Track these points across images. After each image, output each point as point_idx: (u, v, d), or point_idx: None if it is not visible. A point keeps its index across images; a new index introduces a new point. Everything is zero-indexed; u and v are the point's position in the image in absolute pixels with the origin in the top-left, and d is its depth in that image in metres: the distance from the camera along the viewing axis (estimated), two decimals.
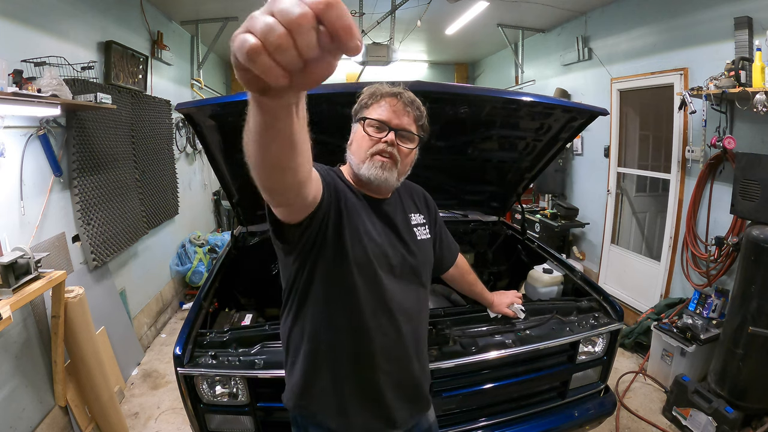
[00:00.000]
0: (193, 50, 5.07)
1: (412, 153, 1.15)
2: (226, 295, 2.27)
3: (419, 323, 1.21)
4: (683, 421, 2.45)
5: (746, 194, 2.53)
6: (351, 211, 1.07)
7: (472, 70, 7.81)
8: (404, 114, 1.12)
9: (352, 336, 1.09)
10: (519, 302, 1.71)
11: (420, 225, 1.25)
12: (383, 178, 1.10)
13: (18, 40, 2.18)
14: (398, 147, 1.11)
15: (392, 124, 1.11)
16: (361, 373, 1.11)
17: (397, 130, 1.11)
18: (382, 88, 1.14)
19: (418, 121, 1.14)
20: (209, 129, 1.79)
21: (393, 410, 1.15)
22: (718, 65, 2.76)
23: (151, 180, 3.66)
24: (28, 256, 1.87)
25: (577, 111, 2.03)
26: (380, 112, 1.11)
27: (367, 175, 1.11)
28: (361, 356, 1.10)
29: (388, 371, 1.12)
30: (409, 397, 1.19)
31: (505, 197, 2.76)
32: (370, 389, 1.12)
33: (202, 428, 1.53)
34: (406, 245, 1.18)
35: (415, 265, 1.18)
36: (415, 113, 1.13)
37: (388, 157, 1.10)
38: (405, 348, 1.15)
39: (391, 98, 1.12)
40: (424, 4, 3.89)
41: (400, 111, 1.11)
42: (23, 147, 2.18)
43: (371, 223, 1.11)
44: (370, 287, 1.08)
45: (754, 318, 2.23)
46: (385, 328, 1.11)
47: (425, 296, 1.24)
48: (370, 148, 1.10)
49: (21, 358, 2.08)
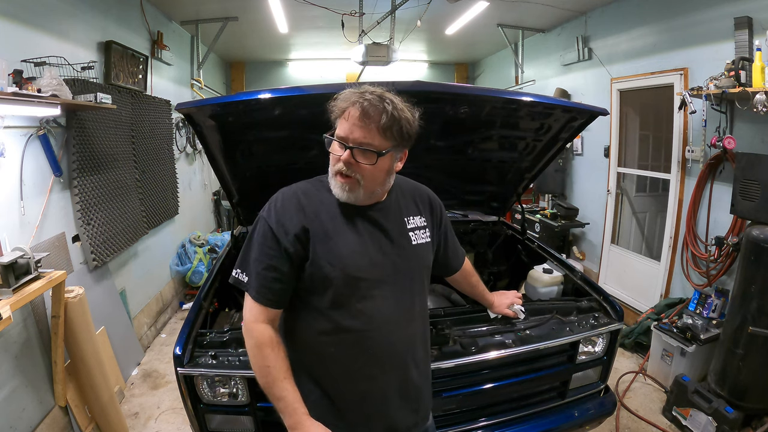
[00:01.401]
0: (193, 50, 5.08)
1: (376, 168, 1.05)
2: (226, 295, 2.27)
3: (414, 329, 1.19)
4: (683, 421, 2.45)
5: (746, 194, 2.53)
6: (324, 236, 1.08)
7: (472, 70, 7.81)
8: (361, 126, 1.01)
9: (337, 348, 1.10)
10: (519, 303, 1.71)
11: (419, 228, 1.22)
12: (350, 198, 1.09)
13: (18, 40, 2.18)
14: (357, 165, 1.04)
15: (349, 141, 1.03)
16: (353, 384, 1.11)
17: (353, 147, 1.02)
18: (347, 96, 1.04)
19: (386, 130, 1.02)
20: (209, 129, 1.79)
21: (393, 419, 1.15)
22: (718, 65, 2.76)
23: (151, 180, 3.66)
24: (28, 256, 1.87)
25: (577, 111, 2.03)
26: (342, 126, 1.04)
27: (337, 194, 1.09)
28: (350, 367, 1.11)
29: (381, 380, 1.12)
30: (411, 405, 1.18)
31: (505, 197, 2.76)
32: (365, 400, 1.12)
33: (202, 428, 1.53)
34: (398, 250, 1.15)
35: (407, 270, 1.16)
36: (380, 121, 1.00)
37: (346, 177, 1.06)
38: (397, 356, 1.14)
39: (353, 107, 1.01)
40: (424, 4, 3.89)
41: (356, 123, 1.01)
42: (23, 147, 2.18)
43: (355, 233, 1.11)
44: (355, 299, 1.08)
45: (754, 318, 2.23)
46: (374, 339, 1.10)
47: (421, 300, 1.22)
48: (334, 165, 1.08)
49: (21, 358, 2.08)
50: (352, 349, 1.10)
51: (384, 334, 1.11)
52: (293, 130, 1.99)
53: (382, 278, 1.12)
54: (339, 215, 1.11)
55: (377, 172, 1.07)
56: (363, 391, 1.12)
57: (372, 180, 1.08)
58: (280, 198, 1.13)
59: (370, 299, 1.09)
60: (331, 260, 1.07)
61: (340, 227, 1.10)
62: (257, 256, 1.09)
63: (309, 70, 7.24)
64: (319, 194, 1.14)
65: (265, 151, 2.12)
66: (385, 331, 1.11)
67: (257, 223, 1.13)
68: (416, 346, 1.19)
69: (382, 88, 1.07)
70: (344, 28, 4.16)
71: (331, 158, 1.09)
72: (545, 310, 1.80)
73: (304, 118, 1.85)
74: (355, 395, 1.12)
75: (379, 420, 1.14)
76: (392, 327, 1.12)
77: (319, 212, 1.10)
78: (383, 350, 1.11)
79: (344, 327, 1.08)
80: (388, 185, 1.15)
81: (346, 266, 1.07)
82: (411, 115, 1.07)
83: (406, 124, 1.05)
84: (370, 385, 1.11)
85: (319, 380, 1.12)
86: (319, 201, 1.12)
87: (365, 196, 1.10)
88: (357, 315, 1.08)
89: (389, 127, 1.02)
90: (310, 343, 1.12)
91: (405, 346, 1.15)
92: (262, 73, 7.29)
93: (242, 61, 7.19)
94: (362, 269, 1.09)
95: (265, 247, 1.08)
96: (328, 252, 1.07)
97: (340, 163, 1.05)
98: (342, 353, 1.10)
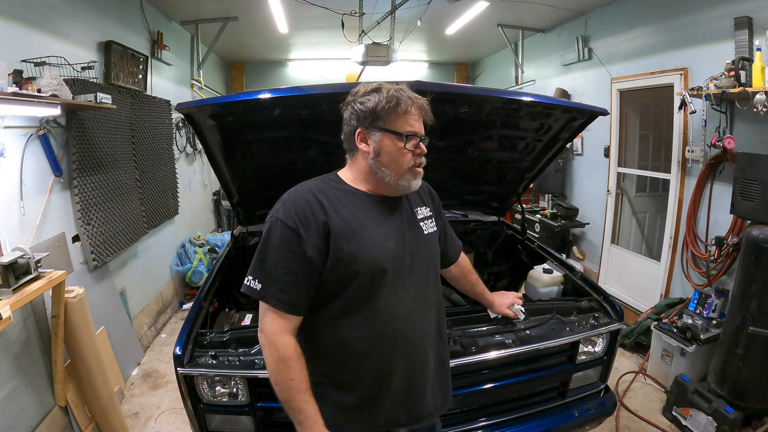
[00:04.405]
0: (193, 50, 5.08)
1: None
2: (226, 295, 2.27)
3: (431, 317, 1.21)
4: (683, 421, 2.45)
5: (746, 194, 2.53)
6: (348, 231, 1.07)
7: (472, 70, 7.81)
8: (418, 120, 1.14)
9: (365, 344, 1.09)
10: (519, 303, 1.71)
11: (426, 218, 1.25)
12: (419, 185, 1.18)
13: (18, 40, 2.18)
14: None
15: (421, 135, 1.14)
16: (384, 377, 1.11)
17: (423, 138, 1.14)
18: (405, 95, 1.12)
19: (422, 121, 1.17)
20: (209, 129, 1.79)
21: (422, 405, 1.16)
22: (718, 65, 2.76)
23: (151, 180, 3.66)
24: (28, 256, 1.87)
25: (577, 111, 2.03)
26: (412, 124, 1.12)
27: (407, 186, 1.15)
28: (380, 361, 1.11)
29: (407, 369, 1.12)
30: (434, 390, 1.19)
31: (505, 197, 2.76)
32: (396, 390, 1.12)
33: (202, 428, 1.53)
34: (414, 240, 1.18)
35: (423, 259, 1.19)
36: (424, 114, 1.16)
37: (420, 165, 1.16)
38: (419, 344, 1.15)
39: (415, 108, 1.13)
40: (424, 4, 3.89)
41: (416, 118, 1.13)
42: (23, 147, 2.18)
43: (376, 226, 1.11)
44: (381, 292, 1.09)
45: (754, 318, 2.23)
46: (399, 330, 1.11)
47: (436, 288, 1.25)
48: (410, 161, 1.13)
49: (21, 358, 2.08)
50: (380, 344, 1.09)
51: (407, 324, 1.12)
52: (293, 130, 1.99)
53: (404, 268, 1.13)
54: (359, 209, 1.12)
55: None
56: (392, 382, 1.12)
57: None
58: (293, 197, 1.10)
59: (393, 291, 1.10)
60: (359, 254, 1.05)
61: (363, 221, 1.10)
62: (275, 261, 1.04)
63: (309, 70, 7.24)
64: (334, 190, 1.13)
65: (265, 151, 2.12)
66: (408, 320, 1.12)
67: (272, 227, 1.07)
68: (433, 333, 1.21)
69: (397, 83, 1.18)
70: (344, 28, 4.17)
71: (404, 156, 1.12)
72: (545, 310, 1.80)
73: (304, 118, 1.85)
74: (385, 388, 1.11)
75: (411, 407, 1.14)
76: (414, 316, 1.14)
77: (338, 208, 1.09)
78: (408, 340, 1.12)
79: (371, 321, 1.08)
80: None
81: (375, 259, 1.07)
82: None
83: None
84: (398, 375, 1.12)
85: (351, 384, 1.11)
86: (336, 197, 1.12)
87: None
88: (383, 308, 1.09)
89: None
90: (334, 346, 1.10)
91: (425, 333, 1.17)
92: (262, 73, 7.29)
93: (242, 61, 7.19)
94: (388, 261, 1.09)
95: (283, 252, 1.04)
96: (356, 246, 1.06)
97: (421, 158, 1.15)
98: (370, 349, 1.09)
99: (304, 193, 1.10)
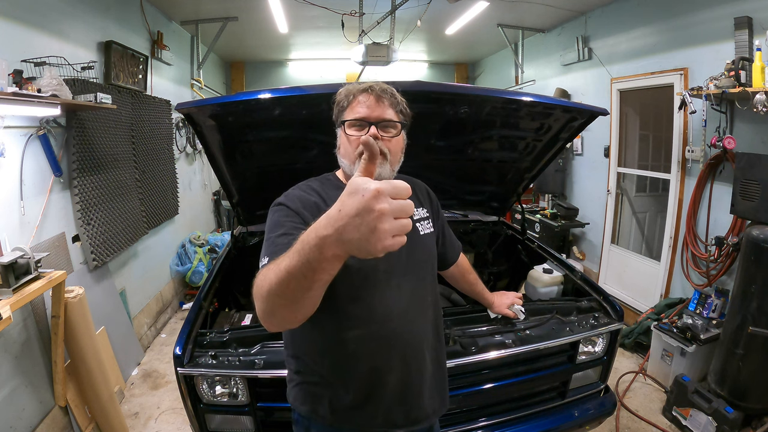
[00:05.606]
0: (193, 50, 5.07)
1: (397, 140, 1.15)
2: (226, 295, 2.27)
3: (428, 318, 1.20)
4: (683, 421, 2.45)
5: (746, 194, 2.53)
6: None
7: (472, 70, 7.81)
8: (379, 105, 1.11)
9: (359, 344, 1.09)
10: (519, 303, 1.71)
11: (423, 219, 1.26)
12: (376, 173, 1.09)
13: (18, 40, 2.18)
14: (382, 139, 1.11)
15: (371, 119, 1.11)
16: (378, 377, 1.10)
17: (377, 123, 1.11)
18: (353, 87, 1.15)
19: (396, 107, 1.14)
20: (209, 129, 1.79)
21: (420, 407, 1.15)
22: (718, 65, 2.76)
23: (151, 180, 3.66)
24: (28, 256, 1.87)
25: (577, 111, 2.03)
26: (357, 111, 1.12)
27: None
28: (375, 362, 1.10)
29: (403, 370, 1.12)
30: (431, 393, 1.19)
31: (505, 197, 2.76)
32: (392, 391, 1.12)
33: (202, 428, 1.53)
34: (409, 240, 1.15)
35: (418, 260, 1.18)
36: (391, 101, 1.13)
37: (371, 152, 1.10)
38: (416, 345, 1.14)
39: (363, 94, 1.12)
40: (424, 4, 3.89)
41: (373, 104, 1.11)
42: (23, 147, 2.18)
43: None
44: (374, 291, 1.08)
45: (754, 318, 2.23)
46: (394, 330, 1.10)
47: (433, 290, 1.24)
48: (356, 148, 1.11)
49: (21, 358, 2.08)
50: (376, 344, 1.09)
51: (403, 325, 1.11)
52: (293, 130, 1.99)
53: (398, 268, 1.12)
54: None
55: (398, 145, 1.15)
56: (388, 383, 1.11)
57: (395, 154, 1.14)
58: (295, 188, 1.16)
59: (387, 290, 1.10)
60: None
61: None
62: (279, 234, 1.02)
63: (309, 70, 7.23)
64: (329, 189, 1.16)
65: (265, 151, 2.12)
66: (404, 321, 1.12)
67: (275, 210, 1.11)
68: (430, 335, 1.20)
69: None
70: (344, 28, 4.17)
71: (352, 142, 1.11)
72: (545, 310, 1.80)
73: (304, 118, 1.85)
74: (381, 389, 1.11)
75: (408, 409, 1.14)
76: (410, 317, 1.13)
77: (334, 200, 1.08)
78: (404, 341, 1.12)
79: (366, 321, 1.08)
80: (397, 167, 1.19)
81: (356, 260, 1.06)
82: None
83: (404, 106, 1.16)
84: (394, 376, 1.11)
85: (347, 385, 1.10)
86: (331, 195, 1.13)
87: (391, 172, 1.13)
88: (378, 307, 1.08)
89: (397, 105, 1.14)
90: (330, 346, 1.10)
91: (422, 335, 1.16)
92: (262, 73, 7.29)
93: (242, 61, 7.18)
94: (380, 257, 1.06)
95: (286, 227, 1.04)
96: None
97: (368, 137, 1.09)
98: (366, 349, 1.09)
99: (304, 187, 1.17)
